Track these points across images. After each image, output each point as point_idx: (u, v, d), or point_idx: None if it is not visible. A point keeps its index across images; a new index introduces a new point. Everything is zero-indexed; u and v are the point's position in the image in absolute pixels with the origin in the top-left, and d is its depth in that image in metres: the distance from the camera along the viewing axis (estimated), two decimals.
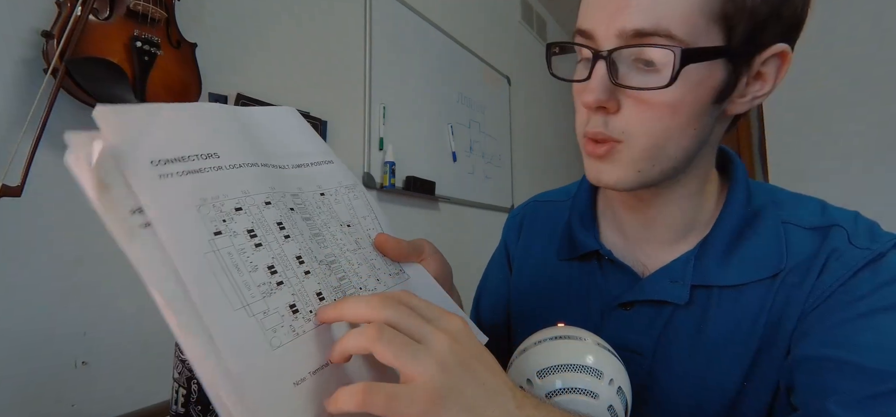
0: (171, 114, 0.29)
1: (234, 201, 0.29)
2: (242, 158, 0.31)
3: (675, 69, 0.35)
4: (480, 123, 2.02)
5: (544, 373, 0.36)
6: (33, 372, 0.74)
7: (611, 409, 0.34)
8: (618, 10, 0.37)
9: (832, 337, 0.38)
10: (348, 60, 1.38)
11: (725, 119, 0.43)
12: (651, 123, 0.39)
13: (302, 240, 0.32)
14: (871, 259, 0.39)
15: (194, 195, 0.27)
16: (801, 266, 0.41)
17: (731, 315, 0.43)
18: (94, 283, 0.81)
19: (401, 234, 0.41)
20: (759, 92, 0.41)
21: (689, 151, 0.41)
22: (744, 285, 0.43)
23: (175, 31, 0.88)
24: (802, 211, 0.45)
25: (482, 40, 2.08)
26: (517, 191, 2.28)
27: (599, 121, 0.40)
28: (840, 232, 0.41)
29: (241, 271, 0.27)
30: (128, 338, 0.85)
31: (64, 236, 0.78)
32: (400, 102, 1.56)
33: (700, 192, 0.45)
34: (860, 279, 0.39)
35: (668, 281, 0.45)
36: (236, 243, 0.28)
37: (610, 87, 0.38)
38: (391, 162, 1.44)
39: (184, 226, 0.26)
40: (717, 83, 0.38)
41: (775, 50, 0.39)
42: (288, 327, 0.27)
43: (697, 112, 0.38)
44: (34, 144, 0.69)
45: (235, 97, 1.03)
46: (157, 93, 0.83)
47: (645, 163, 0.40)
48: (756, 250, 0.43)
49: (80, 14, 0.73)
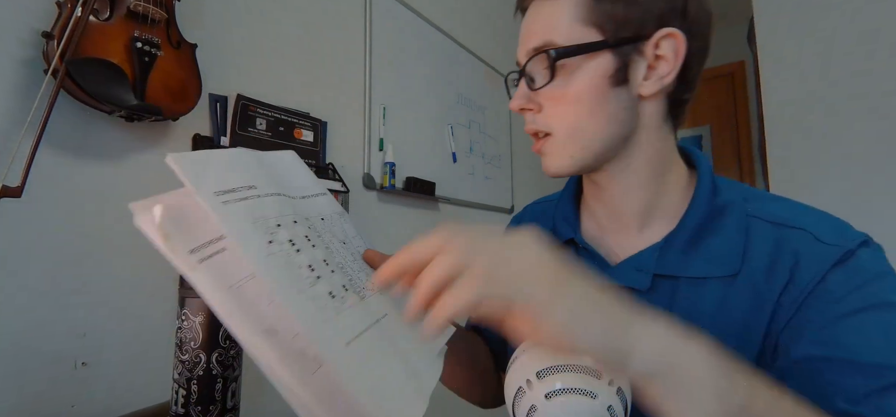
0: (218, 157, 0.37)
1: (275, 219, 0.38)
2: (271, 189, 0.40)
3: (552, 65, 0.45)
4: (480, 123, 2.02)
5: (544, 373, 0.36)
6: (33, 373, 0.74)
7: (610, 409, 0.34)
8: (524, 38, 0.49)
9: (821, 337, 0.39)
10: (348, 60, 1.38)
11: (650, 102, 0.48)
12: (564, 114, 0.47)
13: (323, 249, 0.41)
14: (842, 257, 0.41)
15: (248, 215, 0.35)
16: (765, 264, 0.44)
17: (694, 307, 0.46)
18: (94, 283, 0.81)
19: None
20: (665, 72, 0.46)
21: (611, 133, 0.47)
22: (705, 278, 0.46)
23: (175, 31, 0.88)
24: (771, 207, 0.47)
25: (482, 40, 2.08)
26: (517, 192, 2.28)
27: (531, 119, 0.50)
28: (805, 233, 0.44)
29: (290, 268, 0.35)
30: (128, 338, 0.85)
31: (64, 236, 0.78)
32: (400, 102, 1.56)
33: (656, 179, 0.50)
34: (835, 279, 0.40)
35: (634, 269, 0.49)
36: (283, 249, 0.36)
37: (527, 93, 0.49)
38: (391, 163, 1.44)
39: (249, 236, 0.34)
40: (607, 71, 0.46)
41: (662, 33, 0.45)
42: (331, 307, 0.36)
43: (599, 97, 0.46)
44: (34, 144, 0.69)
45: (235, 98, 1.03)
46: (157, 93, 0.83)
47: (573, 147, 0.48)
48: (719, 246, 0.46)
49: (81, 15, 0.73)
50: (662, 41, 0.46)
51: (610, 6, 0.45)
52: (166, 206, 0.33)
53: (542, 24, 0.47)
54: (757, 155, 2.85)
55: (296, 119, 1.15)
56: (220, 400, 0.60)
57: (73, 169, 0.80)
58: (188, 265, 0.32)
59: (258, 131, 1.07)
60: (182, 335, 0.59)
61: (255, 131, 1.06)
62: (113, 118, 0.84)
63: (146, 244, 0.34)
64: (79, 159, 0.81)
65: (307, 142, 1.18)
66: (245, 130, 1.04)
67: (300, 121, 1.16)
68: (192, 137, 0.97)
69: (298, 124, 1.16)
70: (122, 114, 0.81)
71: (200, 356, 0.58)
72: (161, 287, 0.89)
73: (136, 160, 0.88)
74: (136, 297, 0.86)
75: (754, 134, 2.90)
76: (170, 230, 0.33)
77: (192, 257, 0.33)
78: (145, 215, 0.33)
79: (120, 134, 0.86)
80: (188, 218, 0.34)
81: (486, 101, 2.08)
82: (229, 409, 0.61)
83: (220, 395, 0.60)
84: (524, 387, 0.37)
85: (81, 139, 0.81)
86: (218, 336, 0.59)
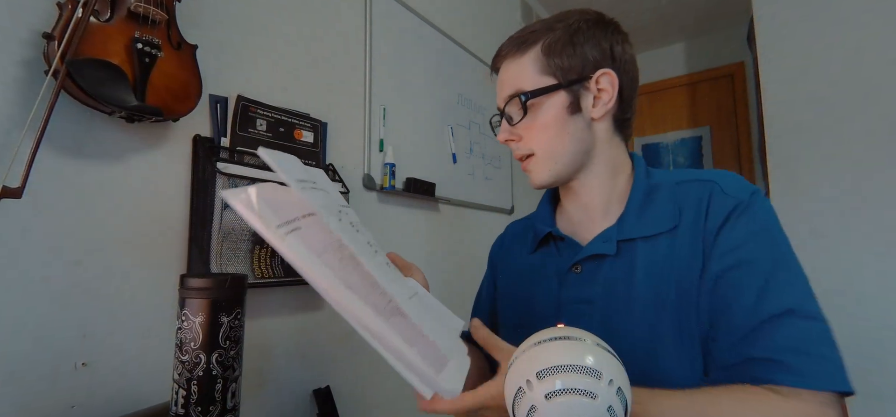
0: (290, 157, 0.47)
1: (338, 206, 0.50)
2: (323, 185, 0.51)
3: (523, 106, 0.64)
4: (480, 124, 2.02)
5: (544, 374, 0.36)
6: (33, 373, 0.74)
7: (610, 410, 0.34)
8: (500, 90, 0.69)
9: (724, 261, 0.56)
10: (348, 61, 1.38)
11: (600, 123, 0.66)
12: (539, 139, 0.65)
13: (367, 235, 0.53)
14: (736, 206, 0.57)
15: (321, 200, 0.45)
16: (693, 210, 0.60)
17: (652, 262, 0.60)
18: (94, 283, 0.81)
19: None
20: (607, 99, 0.65)
21: (576, 149, 0.65)
22: (655, 235, 0.61)
23: (176, 32, 0.88)
24: (689, 173, 0.65)
25: (482, 41, 2.08)
26: (517, 192, 2.28)
27: (516, 147, 0.68)
28: (712, 184, 0.60)
29: (358, 241, 0.46)
30: (128, 338, 0.85)
31: (64, 237, 0.78)
32: (400, 103, 1.56)
33: (613, 178, 0.68)
34: (740, 225, 0.57)
35: (602, 241, 0.64)
36: (350, 228, 0.48)
37: (509, 128, 0.67)
38: (391, 164, 1.44)
39: (330, 215, 0.44)
40: (564, 104, 0.64)
41: (600, 72, 0.64)
42: (391, 272, 0.49)
43: (562, 124, 0.64)
44: (35, 145, 0.69)
45: (236, 98, 1.03)
46: (157, 94, 0.83)
47: (551, 163, 0.66)
48: (659, 210, 0.63)
49: (81, 16, 0.73)
50: (601, 78, 0.64)
51: (559, 60, 0.64)
52: (258, 190, 0.41)
53: (511, 78, 0.66)
54: (757, 155, 2.85)
55: (296, 120, 1.16)
56: (220, 401, 0.60)
57: (73, 170, 0.80)
58: (278, 236, 0.40)
59: (258, 132, 1.07)
60: (182, 336, 0.59)
61: (255, 132, 1.06)
62: (113, 119, 0.84)
63: (146, 245, 0.34)
64: (79, 159, 0.81)
65: (307, 143, 1.18)
66: (245, 131, 1.04)
67: (300, 122, 1.16)
68: (192, 138, 0.97)
69: (298, 125, 1.16)
70: (123, 115, 0.81)
71: (200, 356, 0.59)
72: (161, 288, 0.89)
73: (137, 161, 0.88)
74: (136, 297, 0.86)
75: (754, 134, 2.89)
76: (263, 210, 0.40)
77: (280, 231, 0.40)
78: (239, 198, 0.41)
79: (120, 135, 0.86)
80: (273, 201, 0.42)
81: (486, 101, 2.08)
82: (229, 409, 0.61)
83: (220, 395, 0.60)
84: (524, 387, 0.37)
85: (82, 140, 0.81)
86: (218, 337, 0.60)
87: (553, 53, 0.64)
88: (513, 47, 0.67)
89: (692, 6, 2.77)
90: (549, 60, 0.64)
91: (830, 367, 0.49)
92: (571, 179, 0.67)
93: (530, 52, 0.65)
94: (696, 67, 3.15)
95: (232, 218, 0.96)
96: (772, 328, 0.51)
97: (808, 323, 0.51)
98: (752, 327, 0.52)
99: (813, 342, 0.50)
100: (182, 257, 0.93)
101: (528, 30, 0.67)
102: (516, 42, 0.67)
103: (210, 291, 0.59)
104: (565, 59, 0.63)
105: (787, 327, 0.50)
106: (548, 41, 0.64)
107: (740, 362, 0.52)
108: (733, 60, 3.00)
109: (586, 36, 0.64)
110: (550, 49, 0.64)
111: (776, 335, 0.50)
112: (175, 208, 0.93)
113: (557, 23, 0.65)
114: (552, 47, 0.64)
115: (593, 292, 0.63)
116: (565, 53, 0.63)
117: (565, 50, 0.64)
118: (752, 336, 0.52)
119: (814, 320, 0.51)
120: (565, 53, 0.63)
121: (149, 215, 0.89)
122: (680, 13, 2.84)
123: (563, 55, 0.63)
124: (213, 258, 0.93)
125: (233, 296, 0.60)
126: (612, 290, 0.62)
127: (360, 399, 1.33)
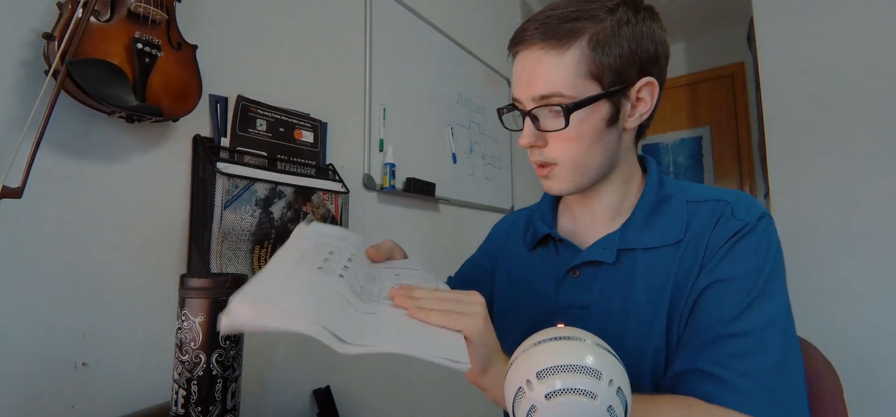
0: (330, 227, 0.59)
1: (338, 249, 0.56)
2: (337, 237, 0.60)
3: (566, 117, 0.55)
4: (480, 124, 2.02)
5: (544, 374, 0.36)
6: (33, 373, 0.74)
7: (610, 410, 0.34)
8: (529, 83, 0.57)
9: (712, 276, 0.55)
10: (348, 61, 1.38)
11: (629, 133, 0.61)
12: (568, 150, 0.58)
13: (364, 269, 0.57)
14: (741, 228, 0.55)
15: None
16: (701, 227, 0.57)
17: (652, 274, 0.58)
18: (94, 283, 0.81)
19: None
20: (644, 110, 0.59)
21: (604, 161, 0.60)
22: (658, 248, 0.59)
23: (176, 32, 0.88)
24: (704, 191, 0.61)
25: (482, 41, 2.08)
26: (517, 192, 2.28)
27: (537, 153, 0.60)
28: (726, 204, 0.58)
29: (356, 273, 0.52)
30: (128, 338, 0.85)
31: (64, 236, 0.78)
32: (400, 103, 1.56)
33: (625, 184, 0.64)
34: (739, 246, 0.55)
35: (601, 248, 0.62)
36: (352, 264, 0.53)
37: (535, 132, 0.58)
38: (391, 164, 1.44)
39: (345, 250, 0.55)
40: (604, 115, 0.57)
41: (643, 82, 0.57)
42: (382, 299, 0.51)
43: (596, 136, 0.57)
44: (35, 145, 0.69)
45: (236, 99, 1.03)
46: (157, 94, 0.83)
47: (575, 175, 0.60)
48: (666, 223, 0.60)
49: (82, 16, 0.73)
50: (643, 88, 0.58)
51: (607, 59, 0.54)
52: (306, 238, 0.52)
53: (546, 75, 0.55)
54: (757, 155, 2.85)
55: (296, 120, 1.15)
56: (220, 401, 0.60)
57: (73, 170, 0.80)
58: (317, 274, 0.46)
59: (258, 132, 1.07)
60: (182, 336, 0.59)
61: (255, 132, 1.06)
62: (113, 119, 0.84)
63: (146, 245, 0.34)
64: (79, 159, 0.81)
65: (307, 143, 1.18)
66: (245, 132, 1.04)
67: (300, 122, 1.16)
68: (192, 138, 0.97)
69: (298, 125, 1.16)
70: (123, 115, 0.81)
71: (200, 356, 0.59)
72: (161, 288, 0.89)
73: (137, 161, 0.88)
74: (136, 297, 0.86)
75: (754, 134, 2.89)
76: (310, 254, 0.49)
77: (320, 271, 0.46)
78: (298, 237, 0.52)
79: (120, 135, 0.86)
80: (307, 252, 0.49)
81: (486, 101, 2.08)
82: (229, 409, 0.61)
83: (220, 395, 0.60)
84: (524, 388, 0.37)
85: (82, 140, 0.81)
86: (218, 337, 0.60)
87: (600, 51, 0.54)
88: (550, 36, 0.55)
89: (692, 6, 2.77)
90: (595, 57, 0.54)
91: (770, 397, 0.47)
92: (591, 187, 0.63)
93: (574, 48, 0.54)
94: (697, 67, 3.15)
95: (232, 218, 0.96)
96: (726, 343, 0.50)
97: (764, 351, 0.49)
98: (710, 339, 0.51)
99: (764, 370, 0.48)
100: (182, 258, 0.93)
101: (566, 14, 0.55)
102: (553, 30, 0.55)
103: (210, 291, 0.59)
104: (613, 58, 0.54)
105: (740, 346, 0.49)
106: (595, 36, 0.54)
107: (687, 370, 0.52)
108: (733, 60, 3.01)
109: (634, 32, 0.55)
110: (597, 45, 0.54)
111: (724, 350, 0.50)
112: (175, 208, 0.93)
113: (600, 10, 0.55)
114: (600, 42, 0.54)
115: (590, 298, 0.62)
116: (613, 52, 0.54)
117: (613, 48, 0.54)
118: (705, 347, 0.51)
119: (769, 353, 0.49)
120: (613, 52, 0.54)
121: (149, 215, 0.89)
122: (680, 13, 2.84)
123: (612, 54, 0.54)
124: (213, 258, 0.93)
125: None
126: (608, 298, 0.60)
127: (360, 399, 1.32)
